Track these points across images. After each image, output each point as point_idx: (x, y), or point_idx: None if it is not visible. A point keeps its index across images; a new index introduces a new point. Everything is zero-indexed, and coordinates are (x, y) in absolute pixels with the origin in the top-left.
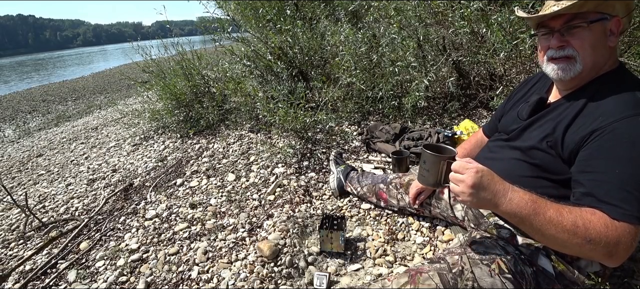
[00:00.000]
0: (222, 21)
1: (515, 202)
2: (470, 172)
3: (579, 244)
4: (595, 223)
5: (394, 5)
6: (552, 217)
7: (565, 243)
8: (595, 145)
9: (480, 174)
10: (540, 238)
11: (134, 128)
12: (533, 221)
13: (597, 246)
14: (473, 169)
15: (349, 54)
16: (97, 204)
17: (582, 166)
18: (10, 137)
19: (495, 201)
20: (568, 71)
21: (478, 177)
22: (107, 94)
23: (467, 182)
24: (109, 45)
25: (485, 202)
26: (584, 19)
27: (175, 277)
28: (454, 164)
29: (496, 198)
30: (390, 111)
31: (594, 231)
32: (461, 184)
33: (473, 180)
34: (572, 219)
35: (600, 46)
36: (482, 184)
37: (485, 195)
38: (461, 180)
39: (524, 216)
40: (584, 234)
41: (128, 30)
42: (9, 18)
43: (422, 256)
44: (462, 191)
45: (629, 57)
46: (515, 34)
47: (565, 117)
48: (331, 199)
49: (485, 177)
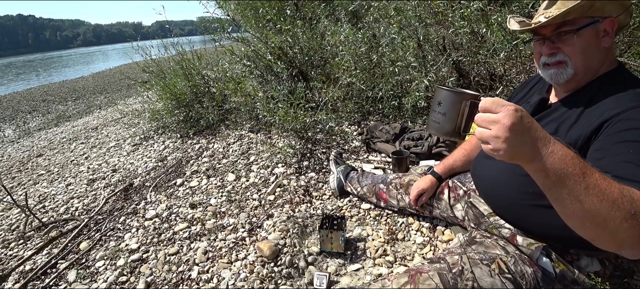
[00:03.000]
0: (222, 21)
1: (559, 154)
2: (507, 109)
3: (620, 218)
4: (639, 195)
5: (394, 5)
6: (599, 181)
7: (606, 215)
8: (606, 135)
9: (521, 113)
10: (576, 208)
11: (134, 128)
12: (577, 182)
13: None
14: (511, 106)
15: (349, 54)
16: (97, 204)
17: (596, 155)
18: (10, 137)
19: (535, 151)
20: (561, 75)
21: (518, 117)
22: (107, 94)
23: (505, 123)
24: (109, 45)
25: (523, 151)
26: (572, 26)
27: (175, 277)
28: (484, 100)
29: (537, 146)
30: (390, 111)
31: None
32: (495, 126)
33: (512, 119)
34: (618, 187)
35: (593, 49)
36: (522, 125)
37: (524, 141)
38: (495, 120)
39: (568, 174)
40: (630, 206)
41: (128, 30)
42: (9, 18)
43: (422, 256)
44: (495, 136)
45: (629, 57)
46: (515, 34)
47: (568, 118)
48: (331, 199)
49: (526, 117)
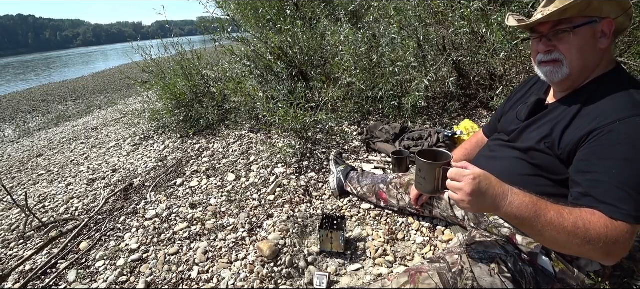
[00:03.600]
0: (222, 21)
1: (515, 205)
2: (467, 179)
3: (578, 244)
4: (595, 223)
5: (394, 5)
6: (553, 219)
7: (565, 243)
8: (592, 146)
9: (478, 180)
10: (540, 239)
11: (134, 128)
12: (534, 223)
13: (596, 246)
14: (470, 175)
15: (349, 54)
16: (97, 204)
17: (580, 167)
18: (10, 137)
19: (496, 205)
20: (556, 74)
21: (476, 184)
22: (107, 94)
23: (466, 190)
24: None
25: (485, 207)
26: (569, 24)
27: (175, 277)
28: (450, 172)
29: (496, 202)
30: (390, 111)
31: (594, 232)
32: (459, 192)
33: (471, 187)
34: (572, 220)
35: (589, 49)
36: (480, 190)
37: (484, 200)
38: (459, 188)
39: (524, 219)
40: (584, 235)
41: (128, 30)
42: (9, 18)
43: (422, 256)
44: (461, 199)
45: (629, 57)
46: (515, 34)
47: (562, 119)
48: (331, 199)
49: (483, 182)
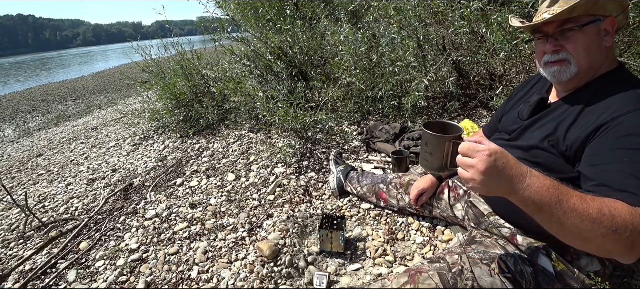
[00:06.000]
0: (222, 21)
1: (534, 188)
2: (481, 155)
3: (603, 234)
4: (620, 210)
5: (394, 5)
6: (577, 204)
7: (587, 233)
8: (601, 140)
9: (494, 157)
10: (560, 229)
11: (134, 128)
12: (554, 209)
13: (622, 236)
14: (485, 151)
15: (349, 54)
16: (97, 204)
17: (590, 161)
18: (10, 137)
19: (512, 187)
20: (564, 74)
21: (492, 161)
22: (107, 94)
23: (479, 168)
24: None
25: (499, 188)
26: (576, 23)
27: (175, 277)
28: (462, 146)
29: (513, 184)
30: (390, 111)
31: (620, 219)
32: (471, 170)
33: (485, 165)
34: (597, 207)
35: (595, 47)
36: (496, 168)
37: (499, 181)
38: (471, 165)
39: (544, 204)
40: (611, 223)
41: (128, 30)
42: (9, 18)
43: (422, 256)
44: (472, 178)
45: (629, 57)
46: (515, 34)
47: (567, 117)
48: (331, 199)
49: (500, 160)
